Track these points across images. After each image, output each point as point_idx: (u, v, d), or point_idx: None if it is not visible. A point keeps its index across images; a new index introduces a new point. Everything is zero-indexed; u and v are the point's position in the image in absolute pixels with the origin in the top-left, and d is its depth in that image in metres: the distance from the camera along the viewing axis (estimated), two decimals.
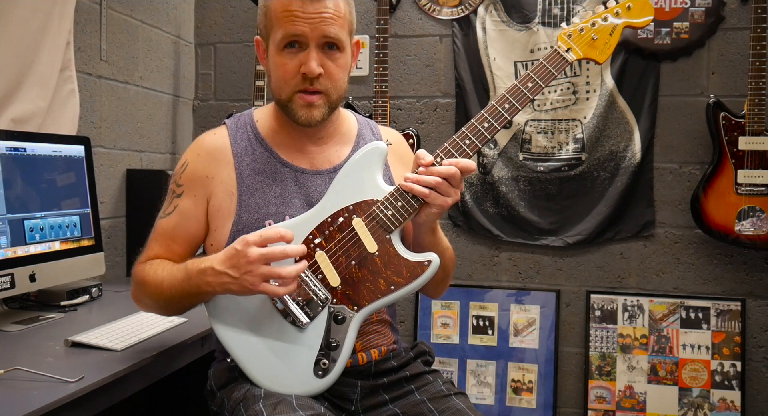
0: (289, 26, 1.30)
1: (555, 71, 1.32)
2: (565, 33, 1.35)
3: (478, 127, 1.30)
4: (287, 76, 1.33)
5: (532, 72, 1.32)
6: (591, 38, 1.34)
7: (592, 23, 1.35)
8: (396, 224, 1.28)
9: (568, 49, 1.34)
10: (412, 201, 1.28)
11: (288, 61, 1.32)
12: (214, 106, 3.14)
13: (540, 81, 1.31)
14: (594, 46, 1.35)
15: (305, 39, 1.30)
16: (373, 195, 1.30)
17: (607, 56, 1.36)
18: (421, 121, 2.94)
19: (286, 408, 1.20)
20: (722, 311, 2.67)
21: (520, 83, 1.31)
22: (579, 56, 1.34)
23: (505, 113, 1.30)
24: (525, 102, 1.31)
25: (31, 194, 1.83)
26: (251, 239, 1.20)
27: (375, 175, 1.32)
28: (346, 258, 1.29)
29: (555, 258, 2.86)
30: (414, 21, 2.94)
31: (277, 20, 1.32)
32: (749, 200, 2.50)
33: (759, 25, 2.46)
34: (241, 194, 1.37)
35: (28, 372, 1.30)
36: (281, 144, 1.41)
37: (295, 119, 1.36)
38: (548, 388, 2.79)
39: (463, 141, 1.29)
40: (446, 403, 1.36)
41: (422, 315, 2.90)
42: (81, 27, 2.35)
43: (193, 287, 1.27)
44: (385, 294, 1.28)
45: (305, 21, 1.29)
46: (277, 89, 1.36)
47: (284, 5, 1.30)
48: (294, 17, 1.29)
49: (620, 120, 2.77)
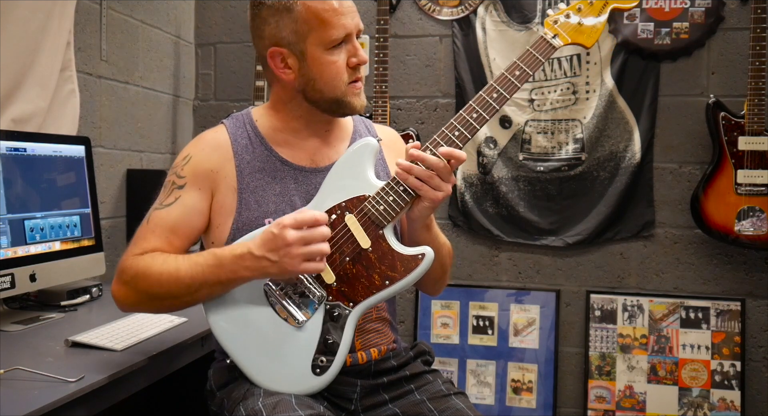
0: (339, 24, 1.33)
1: (542, 58, 1.32)
2: (551, 19, 1.34)
3: (467, 118, 1.29)
4: (341, 72, 1.35)
5: (520, 60, 1.32)
6: (578, 23, 1.33)
7: (579, 7, 1.34)
8: (388, 219, 1.28)
9: (554, 35, 1.33)
10: (403, 195, 1.28)
11: (338, 58, 1.35)
12: (214, 106, 3.14)
13: (527, 68, 1.31)
14: (581, 31, 1.34)
15: (351, 32, 1.35)
16: (364, 191, 1.30)
17: (595, 40, 1.34)
18: (421, 121, 2.94)
19: (286, 407, 1.20)
20: (722, 311, 2.67)
21: (508, 72, 1.31)
22: (566, 41, 1.33)
23: (494, 103, 1.30)
24: (513, 90, 1.31)
25: (31, 194, 1.83)
26: (287, 222, 1.21)
27: (366, 171, 1.32)
28: (340, 255, 1.29)
29: (555, 258, 2.86)
30: (414, 21, 2.94)
31: (321, 22, 1.32)
32: (749, 200, 2.50)
33: (759, 25, 2.46)
34: (241, 191, 1.37)
35: (28, 372, 1.30)
36: (281, 142, 1.41)
37: (351, 110, 1.39)
38: (548, 388, 2.79)
39: (452, 133, 1.29)
40: (446, 403, 1.36)
41: (422, 314, 2.90)
42: (81, 27, 2.35)
43: (226, 273, 1.25)
44: (380, 289, 1.28)
45: (348, 17, 1.34)
46: (329, 88, 1.36)
47: (325, 6, 1.32)
48: (341, 15, 1.33)
49: (620, 120, 2.77)
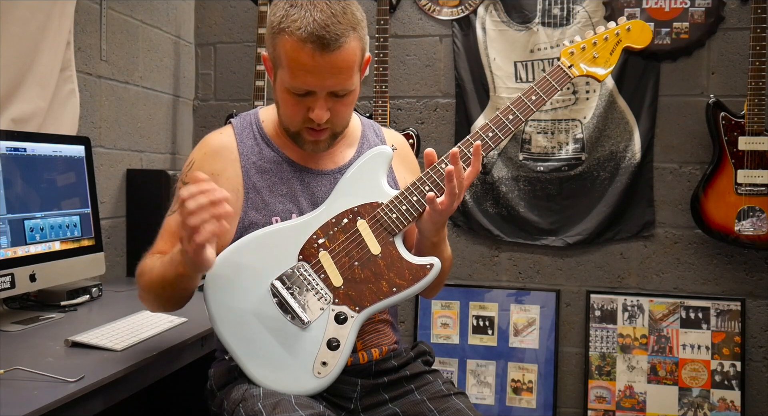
0: (299, 78, 1.25)
1: (558, 86, 1.39)
2: (568, 49, 1.42)
3: (483, 136, 1.34)
4: (294, 116, 1.32)
5: (536, 86, 1.38)
6: (592, 56, 1.42)
7: (594, 42, 1.42)
8: (400, 227, 1.30)
9: (570, 65, 1.41)
10: (416, 205, 1.30)
11: (295, 103, 1.30)
12: (214, 106, 3.14)
13: (543, 95, 1.37)
14: (595, 64, 1.43)
15: (314, 90, 1.27)
16: (377, 198, 1.32)
17: (607, 75, 1.44)
18: (421, 121, 2.94)
19: (285, 408, 1.20)
20: (722, 311, 2.67)
21: (524, 96, 1.37)
22: (581, 73, 1.42)
23: (509, 124, 1.35)
24: (528, 114, 1.37)
25: (31, 194, 1.83)
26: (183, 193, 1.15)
27: (380, 178, 1.34)
28: (349, 259, 1.30)
29: (555, 258, 2.86)
30: (414, 21, 2.94)
31: (286, 63, 1.25)
32: (749, 200, 2.50)
33: (759, 25, 2.46)
34: (247, 191, 1.37)
35: (28, 372, 1.30)
36: (287, 144, 1.42)
37: (301, 148, 1.37)
38: (548, 388, 2.79)
39: (468, 149, 1.32)
40: (446, 403, 1.36)
41: (422, 315, 2.90)
42: (81, 27, 2.35)
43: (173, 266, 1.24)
44: (387, 296, 1.29)
45: (315, 75, 1.24)
46: (284, 121, 1.36)
47: (295, 54, 1.23)
48: (304, 71, 1.23)
49: (620, 120, 2.77)
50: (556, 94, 1.40)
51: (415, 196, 1.30)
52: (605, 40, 1.43)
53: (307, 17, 1.21)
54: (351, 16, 1.25)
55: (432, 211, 1.28)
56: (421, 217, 1.31)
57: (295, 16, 1.22)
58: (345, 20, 1.23)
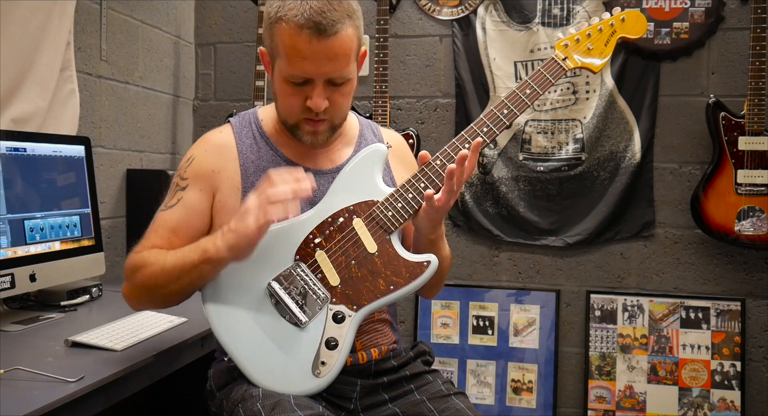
0: (296, 65, 1.26)
1: (552, 79, 1.37)
2: (562, 42, 1.40)
3: (478, 131, 1.33)
4: (293, 107, 1.32)
5: (531, 79, 1.36)
6: (587, 48, 1.40)
7: (588, 34, 1.40)
8: (396, 225, 1.30)
9: (565, 57, 1.39)
10: (411, 202, 1.30)
11: (294, 92, 1.31)
12: (214, 106, 3.14)
13: (538, 88, 1.36)
14: (590, 55, 1.40)
15: (311, 77, 1.28)
16: (373, 196, 1.32)
17: (602, 66, 1.41)
18: (421, 121, 2.95)
19: (285, 408, 1.20)
20: (722, 311, 2.67)
21: (518, 90, 1.36)
22: (576, 65, 1.39)
23: (504, 118, 1.34)
24: (523, 108, 1.35)
25: (31, 194, 1.83)
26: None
27: (375, 176, 1.34)
28: (346, 258, 1.30)
29: (555, 258, 2.86)
30: (414, 21, 2.94)
31: (284, 52, 1.27)
32: (749, 200, 2.50)
33: (759, 25, 2.46)
34: (245, 190, 1.37)
35: (28, 372, 1.30)
36: (285, 143, 1.42)
37: (300, 141, 1.38)
38: (548, 388, 2.79)
39: (463, 145, 1.31)
40: (446, 403, 1.36)
41: (422, 315, 2.90)
42: (81, 27, 2.35)
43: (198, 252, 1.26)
44: (384, 294, 1.29)
45: (312, 61, 1.25)
46: (282, 113, 1.36)
47: (292, 41, 1.24)
48: (301, 57, 1.25)
49: (620, 120, 2.77)
50: (551, 87, 1.38)
51: (410, 193, 1.30)
52: (599, 32, 1.40)
53: (304, 5, 1.23)
54: (347, 5, 1.27)
55: (429, 208, 1.28)
56: (417, 214, 1.31)
57: (291, 5, 1.25)
58: (341, 8, 1.25)
